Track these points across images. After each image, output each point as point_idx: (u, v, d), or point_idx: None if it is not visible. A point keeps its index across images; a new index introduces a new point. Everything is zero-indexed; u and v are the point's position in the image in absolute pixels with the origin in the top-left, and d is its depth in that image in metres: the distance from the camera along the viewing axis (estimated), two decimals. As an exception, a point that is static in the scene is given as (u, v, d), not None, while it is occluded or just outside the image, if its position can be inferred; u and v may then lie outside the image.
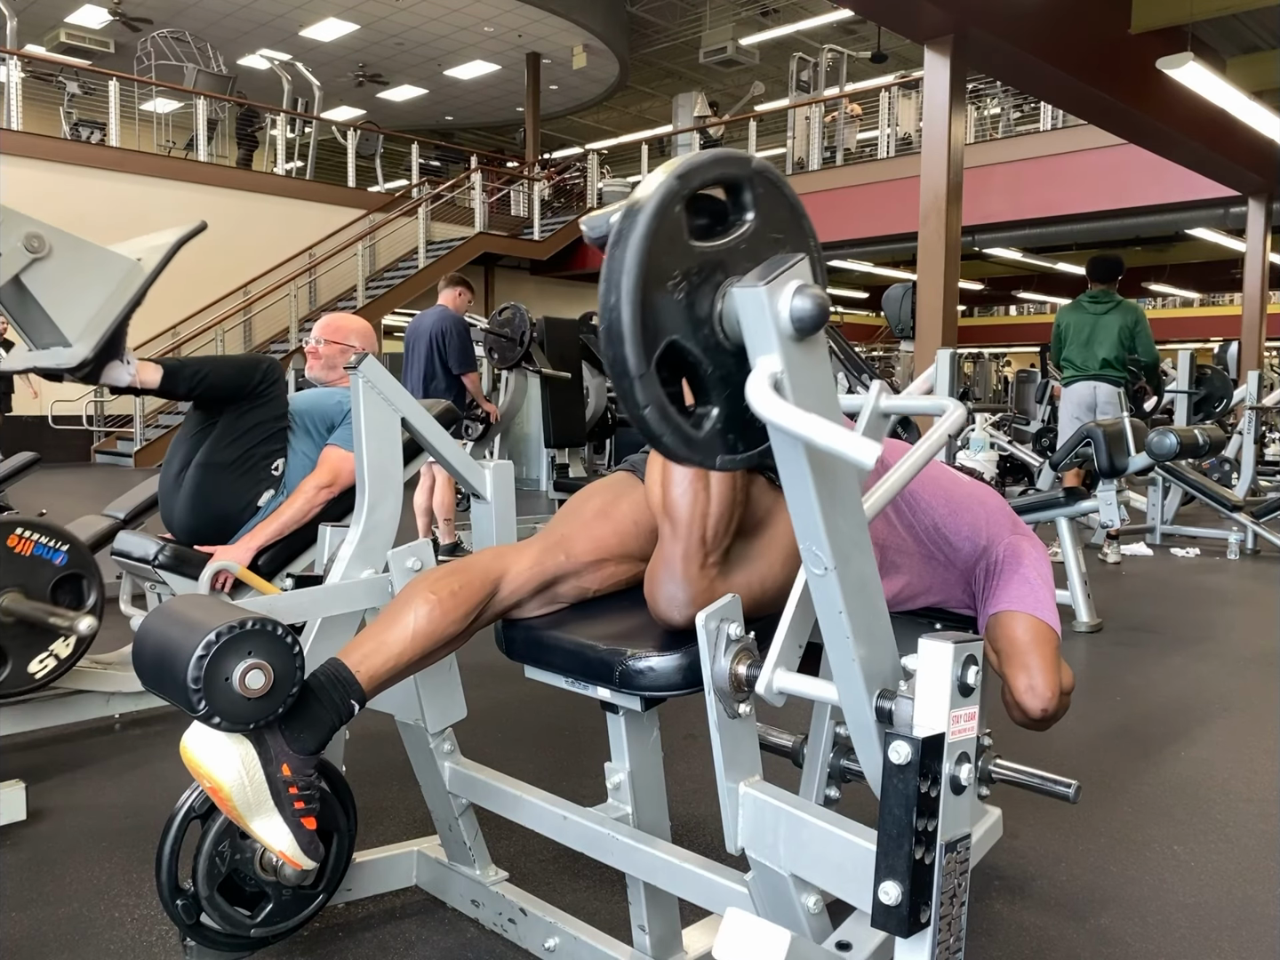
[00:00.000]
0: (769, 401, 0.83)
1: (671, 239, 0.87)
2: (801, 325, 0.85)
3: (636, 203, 0.86)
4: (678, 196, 0.87)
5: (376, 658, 1.27)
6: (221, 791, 1.17)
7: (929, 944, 0.96)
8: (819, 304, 0.85)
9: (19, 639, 2.09)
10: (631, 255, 0.84)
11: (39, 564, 2.14)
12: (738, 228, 0.92)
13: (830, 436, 0.80)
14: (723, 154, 0.90)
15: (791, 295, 0.85)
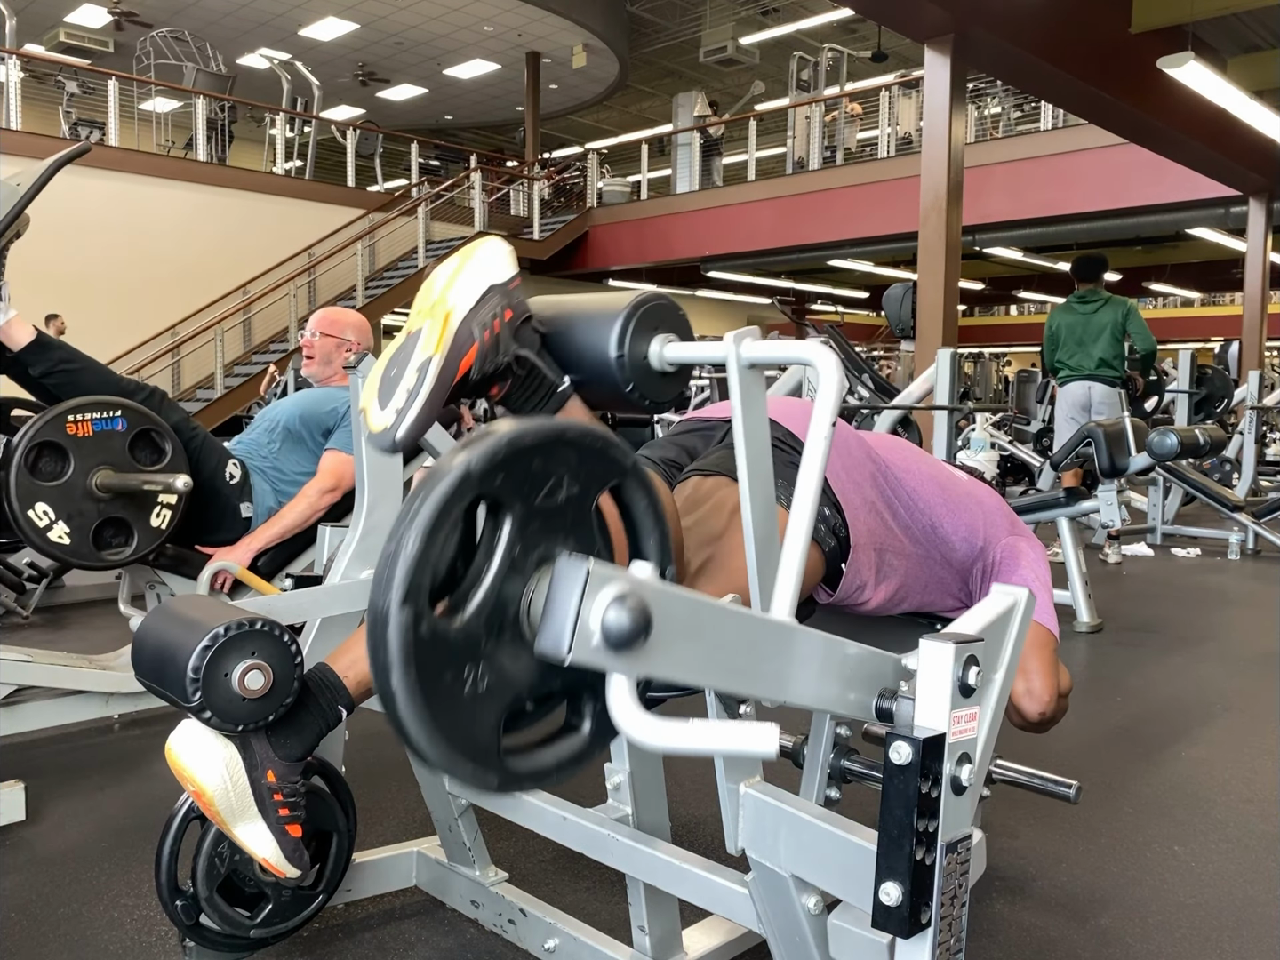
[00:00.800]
0: (644, 730, 0.73)
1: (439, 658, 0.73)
2: (629, 643, 0.72)
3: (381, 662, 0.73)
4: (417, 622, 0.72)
5: (364, 663, 1.26)
6: (205, 795, 1.17)
7: (929, 945, 0.96)
8: (635, 618, 0.72)
9: (130, 507, 2.27)
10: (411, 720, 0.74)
11: (106, 437, 2.24)
12: (499, 538, 0.77)
13: (721, 740, 0.75)
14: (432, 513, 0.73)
15: (600, 625, 0.72)
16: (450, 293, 1.04)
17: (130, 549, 2.28)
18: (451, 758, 0.74)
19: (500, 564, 0.77)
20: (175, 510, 2.32)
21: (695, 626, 0.81)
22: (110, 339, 10.24)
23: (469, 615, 0.76)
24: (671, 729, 0.74)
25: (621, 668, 0.74)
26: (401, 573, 0.71)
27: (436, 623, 0.74)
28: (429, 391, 0.97)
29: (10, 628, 3.50)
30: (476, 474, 0.74)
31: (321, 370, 2.87)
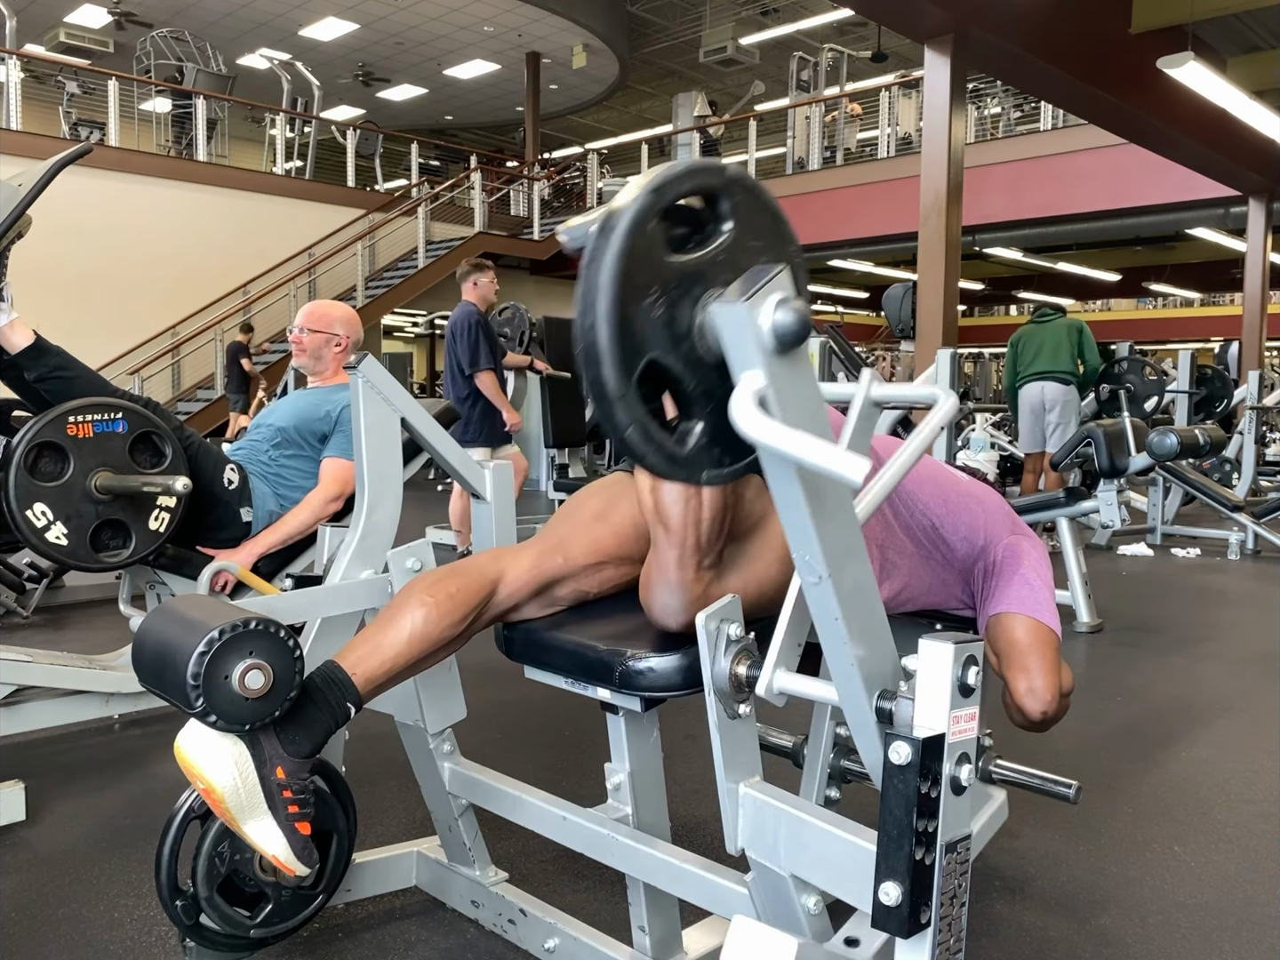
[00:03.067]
0: (754, 420, 0.81)
1: (647, 255, 0.84)
2: (784, 339, 0.83)
3: (611, 218, 0.83)
4: (652, 211, 0.84)
5: (372, 660, 1.27)
6: (214, 793, 1.17)
7: (929, 945, 0.96)
8: (801, 318, 0.83)
9: (129, 509, 2.26)
10: (606, 274, 0.82)
11: (106, 439, 2.24)
12: (715, 238, 0.90)
13: (818, 454, 0.79)
14: (697, 165, 0.88)
15: (773, 309, 0.83)
16: None
17: (128, 551, 2.28)
18: (613, 330, 0.83)
19: (707, 253, 0.89)
20: (174, 513, 2.32)
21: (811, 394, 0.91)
22: (110, 339, 10.25)
23: (676, 261, 0.87)
24: (774, 428, 0.81)
25: (762, 359, 0.83)
26: (664, 172, 0.85)
27: (660, 233, 0.86)
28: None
29: (10, 628, 3.50)
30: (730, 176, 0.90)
31: (312, 364, 2.85)
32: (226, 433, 9.27)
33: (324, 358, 2.84)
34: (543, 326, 6.47)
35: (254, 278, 12.04)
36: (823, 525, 0.93)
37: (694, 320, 0.88)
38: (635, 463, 0.89)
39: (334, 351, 2.84)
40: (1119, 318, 23.40)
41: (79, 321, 9.22)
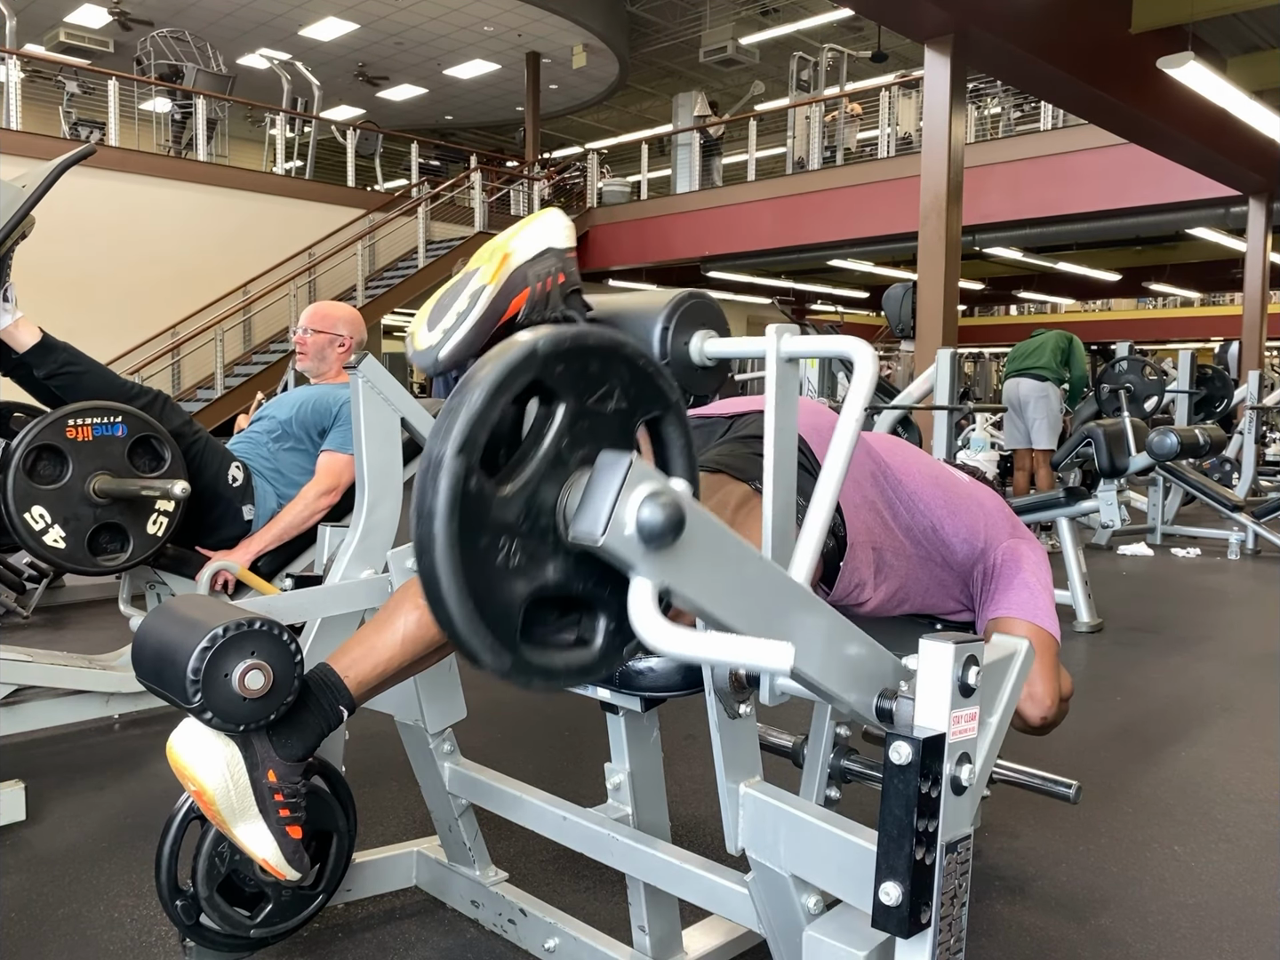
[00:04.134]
0: (659, 634, 0.75)
1: (481, 517, 0.75)
2: (659, 541, 0.75)
3: (423, 502, 0.73)
4: (468, 474, 0.74)
5: (366, 663, 1.26)
6: (205, 795, 1.16)
7: (929, 945, 0.96)
8: (669, 514, 0.74)
9: (127, 512, 2.26)
10: (444, 571, 0.73)
11: (105, 442, 2.23)
12: (551, 425, 0.79)
13: (737, 654, 0.75)
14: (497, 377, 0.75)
15: (636, 515, 0.74)
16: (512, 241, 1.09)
17: (125, 555, 2.27)
18: (474, 622, 0.75)
19: (548, 450, 0.79)
20: (172, 518, 2.31)
21: (719, 551, 0.84)
22: (111, 339, 10.23)
23: (512, 490, 0.77)
24: (686, 636, 0.75)
25: (646, 566, 0.76)
26: (461, 424, 0.74)
27: (484, 483, 0.76)
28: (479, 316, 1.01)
29: (10, 628, 3.50)
30: (541, 355, 0.77)
31: (316, 365, 2.86)
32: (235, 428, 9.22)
33: (328, 358, 2.85)
34: (543, 326, 6.47)
35: (254, 278, 12.03)
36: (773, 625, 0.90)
37: (559, 521, 0.79)
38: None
39: (337, 352, 2.85)
40: (1119, 318, 23.39)
41: (79, 321, 9.20)
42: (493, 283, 1.05)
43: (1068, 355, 6.24)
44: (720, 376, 1.16)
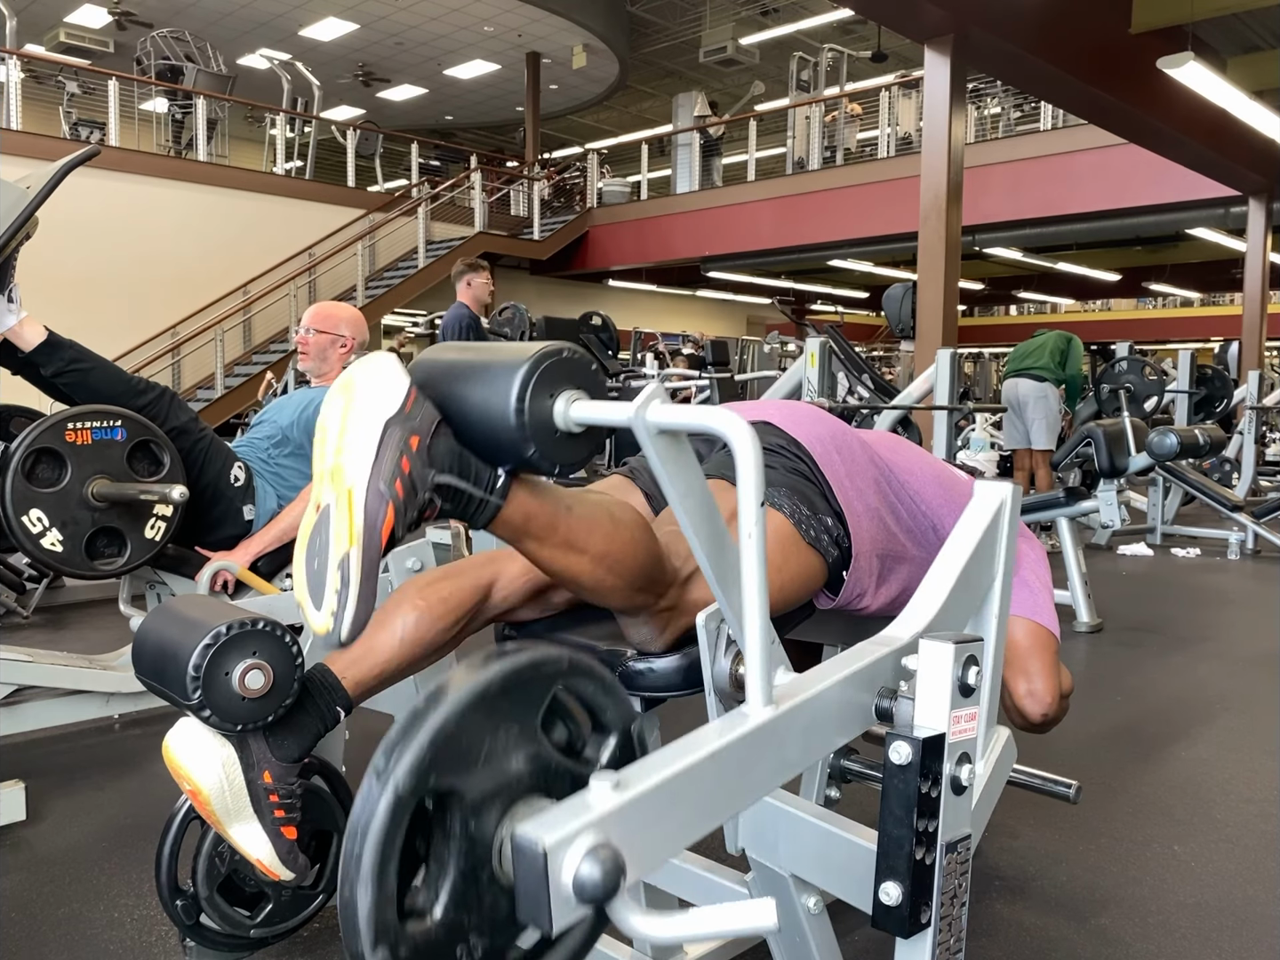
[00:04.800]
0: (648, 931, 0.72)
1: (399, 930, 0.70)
2: (609, 888, 0.70)
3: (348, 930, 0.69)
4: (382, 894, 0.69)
5: (364, 664, 1.26)
6: (201, 795, 1.16)
7: (929, 944, 0.96)
8: (606, 868, 0.70)
9: (124, 517, 2.25)
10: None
11: (105, 446, 2.22)
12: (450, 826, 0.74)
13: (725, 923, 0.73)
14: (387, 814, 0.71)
15: (574, 892, 0.70)
16: (344, 459, 0.95)
17: (123, 560, 2.26)
18: None
19: (460, 846, 0.74)
20: (170, 522, 2.30)
21: (674, 797, 0.79)
22: (111, 339, 10.23)
23: (444, 908, 0.73)
24: (678, 923, 0.72)
25: (612, 905, 0.72)
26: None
27: (415, 938, 0.72)
28: (357, 587, 0.92)
29: (10, 628, 3.51)
30: (407, 793, 0.72)
31: (317, 365, 2.86)
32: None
33: (329, 359, 2.85)
34: (542, 326, 6.47)
35: (254, 278, 12.04)
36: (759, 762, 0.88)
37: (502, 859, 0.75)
38: None
39: (339, 352, 2.85)
40: (1119, 318, 23.39)
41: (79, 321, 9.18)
42: (354, 544, 0.92)
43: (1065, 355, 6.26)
44: (593, 442, 1.00)
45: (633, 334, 12.01)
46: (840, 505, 1.37)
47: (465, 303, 4.91)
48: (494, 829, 0.75)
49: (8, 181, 2.13)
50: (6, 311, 2.20)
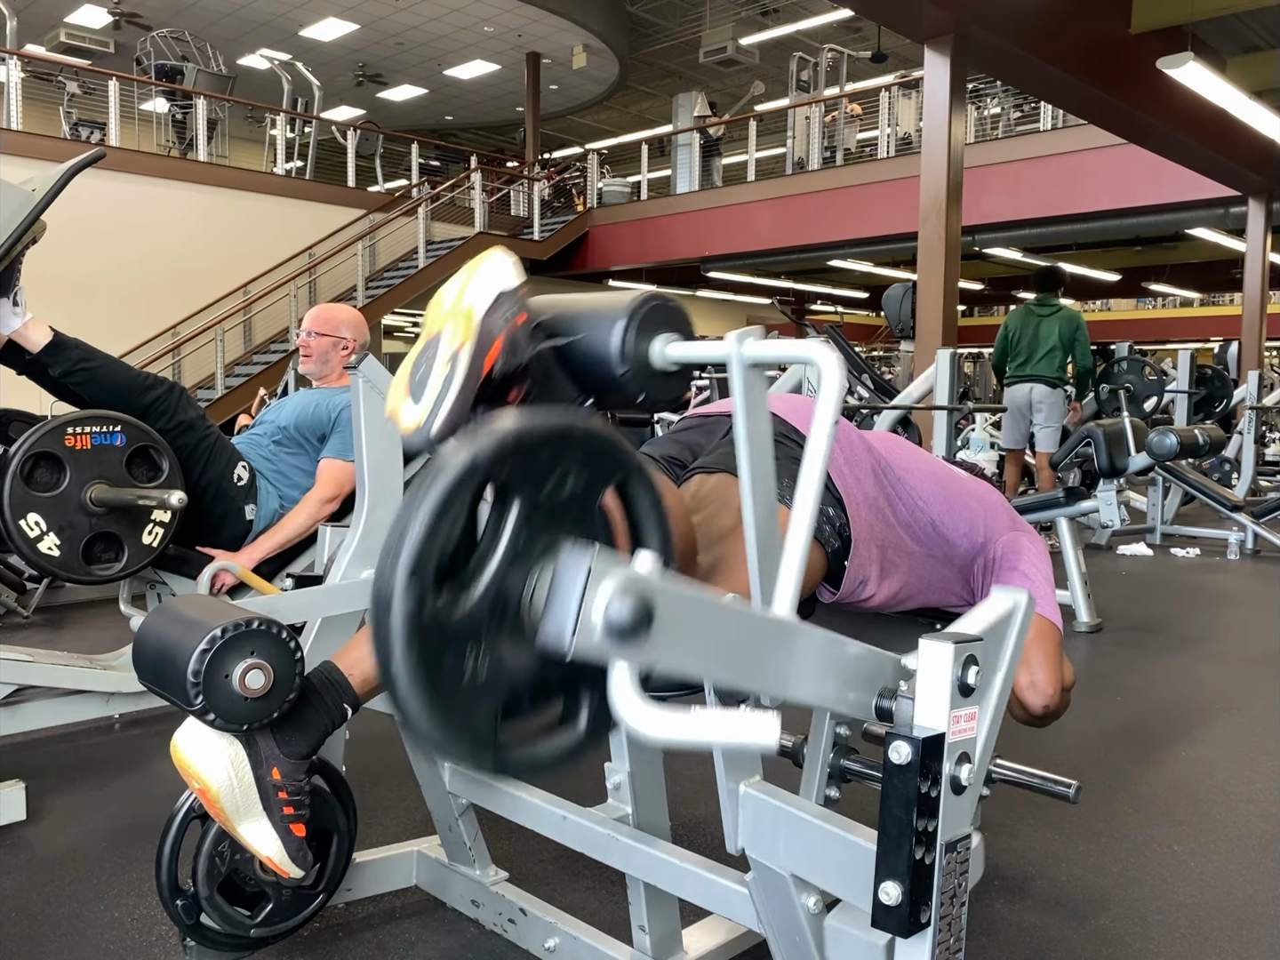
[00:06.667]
0: (645, 720, 0.74)
1: (440, 641, 0.74)
2: (631, 635, 0.73)
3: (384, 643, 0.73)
4: (422, 601, 0.73)
5: (369, 661, 1.27)
6: (210, 793, 1.17)
7: (929, 944, 0.96)
8: (636, 609, 0.73)
9: (122, 521, 2.24)
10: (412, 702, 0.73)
11: (104, 451, 2.22)
12: (505, 524, 0.78)
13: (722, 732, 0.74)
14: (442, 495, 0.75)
15: (603, 617, 0.73)
16: (466, 294, 1.05)
17: (120, 565, 2.26)
18: (448, 741, 0.75)
19: (505, 552, 0.78)
20: (168, 528, 2.30)
21: (696, 620, 0.82)
22: (111, 339, 10.15)
23: (472, 601, 0.77)
24: (671, 719, 0.74)
25: (623, 658, 0.74)
26: (407, 555, 0.73)
27: (440, 606, 0.75)
28: (462, 380, 0.98)
29: (10, 628, 3.50)
30: (484, 462, 0.76)
31: (319, 369, 2.86)
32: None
33: (331, 361, 2.85)
34: (543, 326, 6.47)
35: (254, 278, 12.03)
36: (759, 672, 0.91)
37: (527, 618, 0.79)
38: None
39: (340, 355, 2.85)
40: (1119, 318, 23.39)
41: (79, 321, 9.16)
42: (468, 340, 1.00)
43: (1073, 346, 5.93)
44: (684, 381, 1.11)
45: (633, 334, 12.00)
46: (840, 493, 1.37)
47: None
48: (536, 559, 0.79)
49: (13, 185, 2.13)
50: (11, 315, 2.20)
